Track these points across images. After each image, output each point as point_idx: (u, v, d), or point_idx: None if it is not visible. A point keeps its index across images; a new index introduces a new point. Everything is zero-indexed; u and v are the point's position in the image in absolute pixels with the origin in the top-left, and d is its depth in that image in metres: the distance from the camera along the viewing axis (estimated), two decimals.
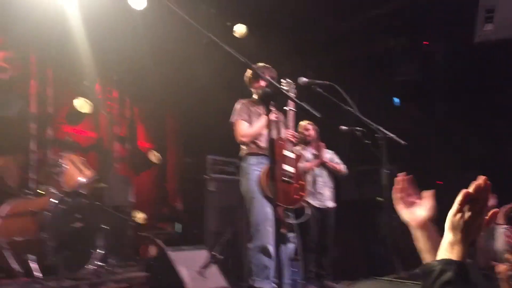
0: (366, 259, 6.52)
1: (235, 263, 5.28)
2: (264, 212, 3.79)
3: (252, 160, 4.00)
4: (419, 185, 1.56)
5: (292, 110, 4.14)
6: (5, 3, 5.46)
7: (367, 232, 6.83)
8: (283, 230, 3.90)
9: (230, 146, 4.62)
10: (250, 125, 4.05)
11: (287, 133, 4.14)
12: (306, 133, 5.64)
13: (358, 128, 4.71)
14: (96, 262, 4.28)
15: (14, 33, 5.97)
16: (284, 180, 3.92)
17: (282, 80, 4.23)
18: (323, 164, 5.58)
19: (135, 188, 7.04)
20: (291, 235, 4.10)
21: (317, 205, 5.42)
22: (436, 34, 7.27)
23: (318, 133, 5.74)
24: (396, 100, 8.21)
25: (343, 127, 5.08)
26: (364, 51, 7.67)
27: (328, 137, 5.91)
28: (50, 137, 6.40)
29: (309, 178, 5.43)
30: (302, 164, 5.37)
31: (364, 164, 6.76)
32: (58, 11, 5.71)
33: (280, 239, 3.75)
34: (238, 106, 4.13)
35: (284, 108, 4.18)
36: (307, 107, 2.05)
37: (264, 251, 3.74)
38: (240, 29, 7.11)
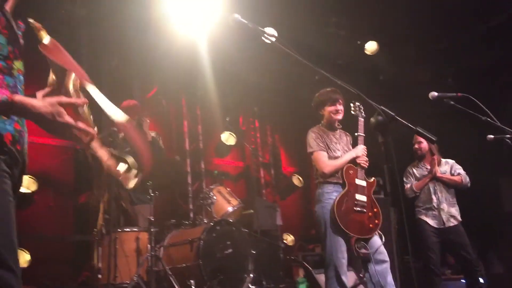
0: None
1: None
2: (337, 242, 3.72)
3: (329, 188, 3.91)
4: None
5: (362, 135, 3.98)
6: (156, 58, 6.27)
7: None
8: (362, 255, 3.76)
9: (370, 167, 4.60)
10: (328, 154, 3.95)
11: (358, 160, 4.01)
12: (417, 146, 5.25)
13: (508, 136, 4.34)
14: (249, 286, 4.58)
15: (167, 81, 6.80)
16: (356, 210, 3.81)
17: (351, 104, 4.09)
18: (438, 179, 5.11)
19: (282, 212, 7.35)
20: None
21: (436, 225, 4.98)
22: None
23: (434, 148, 5.25)
24: None
25: (490, 136, 4.71)
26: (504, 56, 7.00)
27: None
28: (202, 170, 7.11)
29: (423, 196, 5.11)
30: (413, 184, 5.20)
31: None
32: (200, 56, 6.35)
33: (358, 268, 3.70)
34: (312, 135, 4.02)
35: (355, 134, 4.05)
36: (422, 131, 2.01)
37: (339, 281, 3.67)
38: (371, 47, 7.07)
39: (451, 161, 5.30)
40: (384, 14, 6.55)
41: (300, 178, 8.01)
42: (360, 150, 3.93)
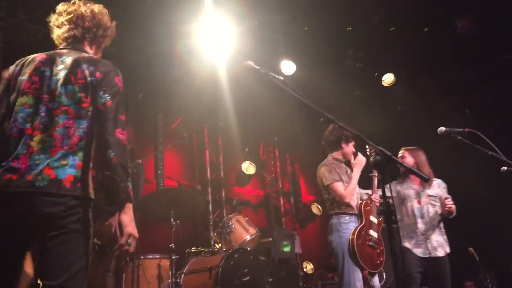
0: None
1: None
2: (355, 272, 3.91)
3: (345, 218, 4.10)
4: None
5: (376, 176, 4.14)
6: (179, 91, 6.58)
7: None
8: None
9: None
10: (343, 184, 4.15)
11: (372, 197, 4.17)
12: (401, 160, 4.41)
13: None
14: None
15: (190, 112, 7.09)
16: (369, 245, 4.01)
17: (367, 147, 4.30)
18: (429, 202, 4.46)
19: (301, 240, 7.45)
20: None
21: (420, 254, 4.29)
22: None
23: (422, 164, 4.51)
24: None
25: (504, 168, 4.77)
26: None
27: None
28: (223, 199, 7.31)
29: (406, 219, 4.44)
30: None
31: None
32: (221, 88, 6.62)
33: None
34: (326, 169, 4.21)
35: (369, 174, 4.22)
36: (416, 171, 2.17)
37: None
38: (388, 78, 7.25)
39: (443, 184, 4.66)
40: (401, 46, 6.75)
41: (319, 207, 8.12)
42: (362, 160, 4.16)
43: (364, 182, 4.35)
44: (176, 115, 7.04)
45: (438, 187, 4.55)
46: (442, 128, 3.72)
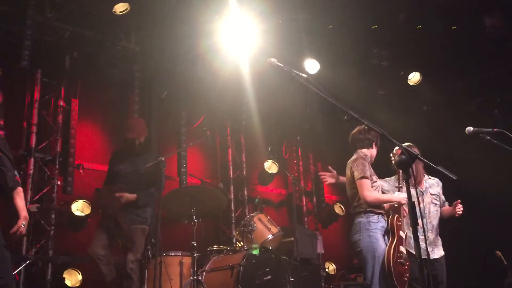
0: None
1: None
2: (384, 281, 3.80)
3: (374, 217, 3.96)
4: None
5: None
6: (202, 89, 6.60)
7: None
8: None
9: None
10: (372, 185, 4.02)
11: (403, 208, 4.03)
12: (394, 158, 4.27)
13: None
14: None
15: (213, 111, 7.12)
16: (400, 263, 3.86)
17: (391, 154, 4.16)
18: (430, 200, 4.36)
19: (324, 240, 7.40)
20: None
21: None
22: None
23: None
24: None
25: None
26: None
27: None
28: (245, 197, 7.31)
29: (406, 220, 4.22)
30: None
31: None
32: (244, 87, 6.62)
33: None
34: (361, 162, 4.05)
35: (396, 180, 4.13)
36: (443, 170, 2.11)
37: None
38: (414, 77, 7.13)
39: (440, 183, 4.51)
40: (427, 45, 6.63)
41: (342, 207, 8.04)
42: (404, 198, 3.94)
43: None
44: (199, 113, 7.07)
45: (437, 186, 4.43)
46: (470, 128, 3.65)
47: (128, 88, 6.30)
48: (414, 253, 4.04)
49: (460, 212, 4.23)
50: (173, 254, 4.70)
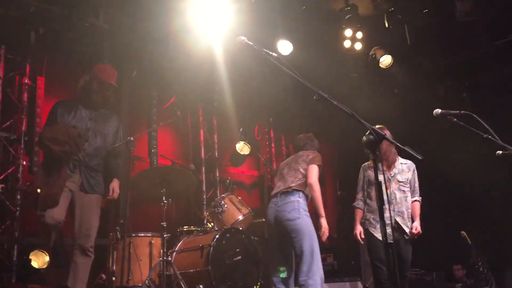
0: None
1: None
2: None
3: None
4: None
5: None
6: (174, 69, 6.50)
7: None
8: None
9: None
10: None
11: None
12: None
13: None
14: None
15: (184, 91, 7.02)
16: None
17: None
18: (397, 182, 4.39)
19: None
20: None
21: (379, 237, 4.23)
22: None
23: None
24: None
25: (499, 152, 4.75)
26: None
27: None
28: (217, 179, 7.29)
29: (375, 205, 4.29)
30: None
31: None
32: (217, 68, 6.53)
33: None
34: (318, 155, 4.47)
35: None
36: (409, 150, 2.13)
37: None
38: (385, 60, 7.17)
39: (412, 166, 4.49)
40: (399, 28, 6.65)
41: None
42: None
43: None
44: (171, 93, 6.97)
45: (408, 171, 4.43)
46: (438, 110, 3.68)
47: None
48: (378, 236, 4.21)
49: (412, 236, 4.25)
50: (142, 235, 4.67)
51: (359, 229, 4.38)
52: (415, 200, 4.40)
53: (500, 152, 4.87)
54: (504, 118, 6.44)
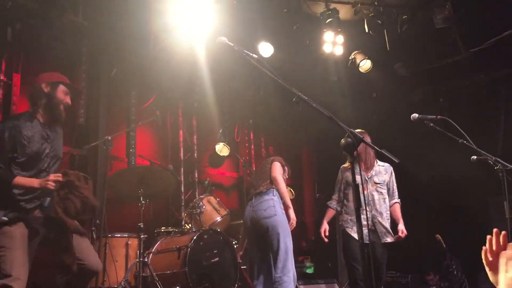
0: None
1: None
2: None
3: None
4: None
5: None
6: (154, 69, 6.44)
7: None
8: None
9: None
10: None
11: None
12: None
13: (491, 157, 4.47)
14: None
15: (164, 91, 6.96)
16: None
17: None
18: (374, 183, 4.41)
19: None
20: None
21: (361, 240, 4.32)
22: None
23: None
24: None
25: (474, 157, 4.84)
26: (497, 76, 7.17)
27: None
28: (196, 180, 7.24)
29: (352, 206, 4.29)
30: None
31: None
32: (198, 68, 6.52)
33: None
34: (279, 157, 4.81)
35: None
36: (386, 153, 2.16)
37: None
38: (365, 65, 7.26)
39: (390, 168, 4.54)
40: (378, 33, 6.73)
41: (292, 191, 8.11)
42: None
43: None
44: (150, 93, 6.89)
45: (385, 173, 4.47)
46: (415, 115, 3.76)
47: (75, 65, 6.03)
48: (355, 236, 4.22)
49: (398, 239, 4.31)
50: (118, 235, 4.62)
51: (324, 227, 4.50)
52: (395, 202, 4.47)
53: (475, 157, 4.98)
54: (479, 124, 6.57)
